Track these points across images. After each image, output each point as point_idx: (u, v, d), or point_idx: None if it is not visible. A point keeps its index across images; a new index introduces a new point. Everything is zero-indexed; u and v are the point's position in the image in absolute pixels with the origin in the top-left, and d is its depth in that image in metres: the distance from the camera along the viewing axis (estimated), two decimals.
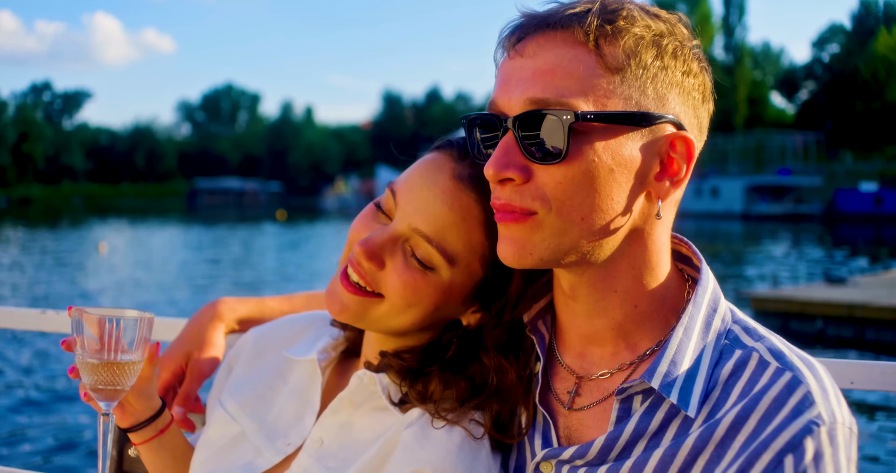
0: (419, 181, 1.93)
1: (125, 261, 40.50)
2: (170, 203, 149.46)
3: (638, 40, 1.60)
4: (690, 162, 1.67)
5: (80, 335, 1.86)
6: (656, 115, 1.61)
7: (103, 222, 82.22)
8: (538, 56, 1.62)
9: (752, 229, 63.41)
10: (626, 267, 1.72)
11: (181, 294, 27.75)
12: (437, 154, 1.98)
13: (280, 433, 2.10)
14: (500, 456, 1.89)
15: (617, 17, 1.60)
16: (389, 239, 1.92)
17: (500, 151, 1.63)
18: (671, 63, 1.63)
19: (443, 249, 1.88)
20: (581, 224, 1.63)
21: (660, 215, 1.68)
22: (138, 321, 1.89)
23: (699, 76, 1.68)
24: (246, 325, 2.46)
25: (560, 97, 1.57)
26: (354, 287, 1.94)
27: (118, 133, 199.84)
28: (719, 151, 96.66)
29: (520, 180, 1.63)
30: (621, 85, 1.59)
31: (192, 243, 53.21)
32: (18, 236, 59.35)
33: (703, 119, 1.71)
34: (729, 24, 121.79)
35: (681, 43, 1.66)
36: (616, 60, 1.59)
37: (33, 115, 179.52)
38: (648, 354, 1.75)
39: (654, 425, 1.67)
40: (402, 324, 1.94)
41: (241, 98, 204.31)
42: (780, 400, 1.57)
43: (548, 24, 1.63)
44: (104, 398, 1.90)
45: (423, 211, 1.89)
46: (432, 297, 1.90)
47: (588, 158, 1.58)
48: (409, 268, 1.90)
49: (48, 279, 31.87)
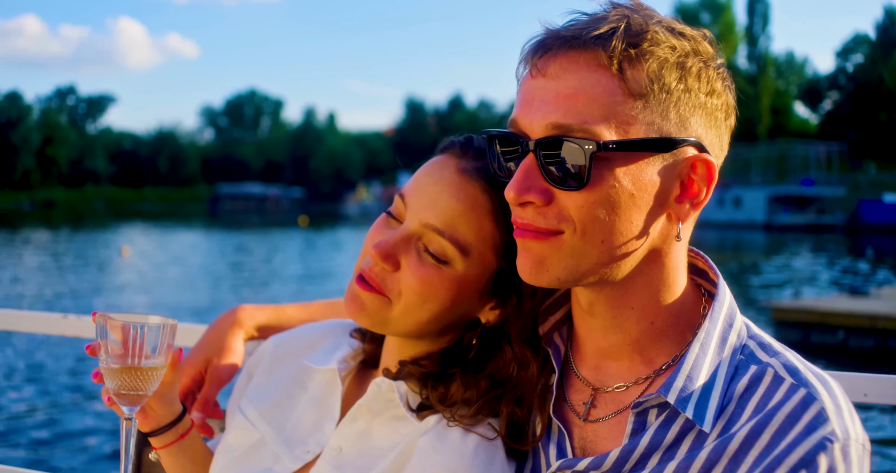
0: (425, 180, 1.97)
1: (147, 265, 40.66)
2: (192, 208, 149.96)
3: (662, 63, 1.59)
4: (711, 184, 1.66)
5: (105, 341, 1.87)
6: (678, 139, 1.60)
7: (126, 226, 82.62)
8: (561, 78, 1.60)
9: (774, 239, 63.16)
10: (643, 285, 1.73)
11: (203, 299, 27.88)
12: (441, 155, 2.01)
13: (299, 440, 2.12)
14: (514, 464, 1.90)
15: (641, 39, 1.59)
16: (402, 239, 1.94)
17: (521, 173, 1.64)
18: (694, 85, 1.62)
19: (455, 240, 1.90)
20: (601, 247, 1.63)
21: (679, 237, 1.68)
22: (162, 327, 1.90)
23: (722, 95, 1.67)
24: (264, 332, 2.48)
25: (583, 124, 1.56)
26: (370, 286, 1.96)
27: (141, 138, 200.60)
28: (742, 161, 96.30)
29: (540, 203, 1.63)
30: (644, 110, 1.58)
31: (214, 248, 53.45)
32: (42, 239, 59.74)
33: (724, 137, 1.71)
34: (753, 33, 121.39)
35: (705, 63, 1.65)
36: (639, 84, 1.58)
37: (57, 119, 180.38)
38: (664, 368, 1.75)
39: (669, 438, 1.68)
40: (419, 322, 1.96)
41: (264, 104, 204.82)
42: (795, 416, 1.58)
43: (571, 45, 1.61)
44: (127, 403, 1.92)
45: (432, 205, 1.92)
46: (448, 291, 1.92)
47: (609, 184, 1.58)
48: (424, 264, 1.92)
49: (71, 283, 32.07)
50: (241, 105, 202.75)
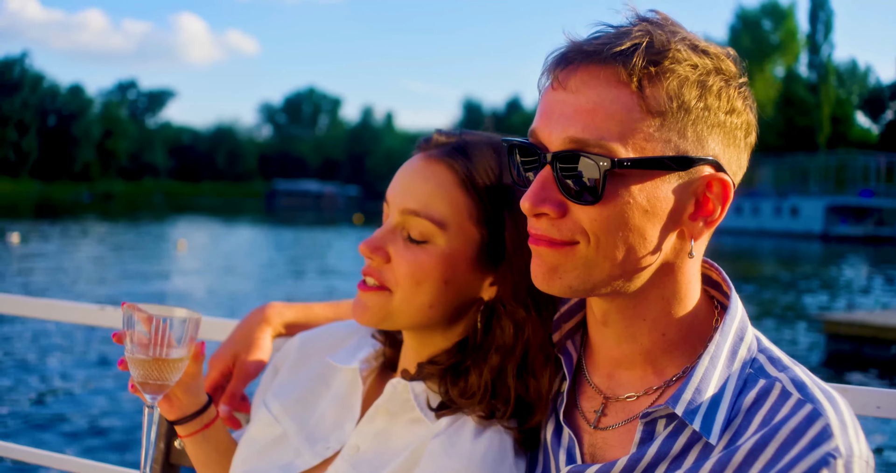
0: (399, 176, 2.08)
1: (203, 260, 41.02)
2: (248, 203, 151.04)
3: (682, 81, 1.60)
4: (726, 203, 1.67)
5: (131, 330, 1.95)
6: (694, 158, 1.61)
7: (183, 220, 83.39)
8: (581, 93, 1.62)
9: (831, 250, 62.48)
10: (655, 298, 1.75)
11: (254, 294, 28.05)
12: (412, 157, 2.12)
13: (320, 437, 2.18)
14: (523, 469, 1.95)
15: (663, 57, 1.60)
16: (388, 231, 2.05)
17: (538, 185, 1.66)
18: (714, 103, 1.62)
19: (431, 217, 1.99)
20: (613, 260, 1.65)
21: (692, 254, 1.70)
22: (186, 320, 1.98)
23: (743, 114, 1.68)
24: (292, 329, 2.54)
25: (600, 139, 1.58)
26: (370, 287, 2.06)
27: (200, 132, 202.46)
28: (801, 170, 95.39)
29: (555, 215, 1.65)
30: (661, 128, 1.59)
31: (270, 244, 53.82)
32: (100, 231, 60.41)
33: (743, 155, 1.72)
34: (815, 41, 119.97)
35: (727, 81, 1.65)
36: (658, 102, 1.59)
37: (118, 112, 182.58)
38: (675, 380, 1.77)
39: (676, 449, 1.69)
40: (421, 307, 2.02)
41: (323, 102, 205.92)
42: (799, 431, 1.58)
43: (592, 60, 1.62)
44: (150, 392, 1.98)
45: (405, 192, 2.03)
46: (438, 269, 1.99)
47: (623, 200, 1.60)
48: (410, 248, 2.01)
49: (126, 275, 32.43)
50: (299, 102, 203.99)
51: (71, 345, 18.43)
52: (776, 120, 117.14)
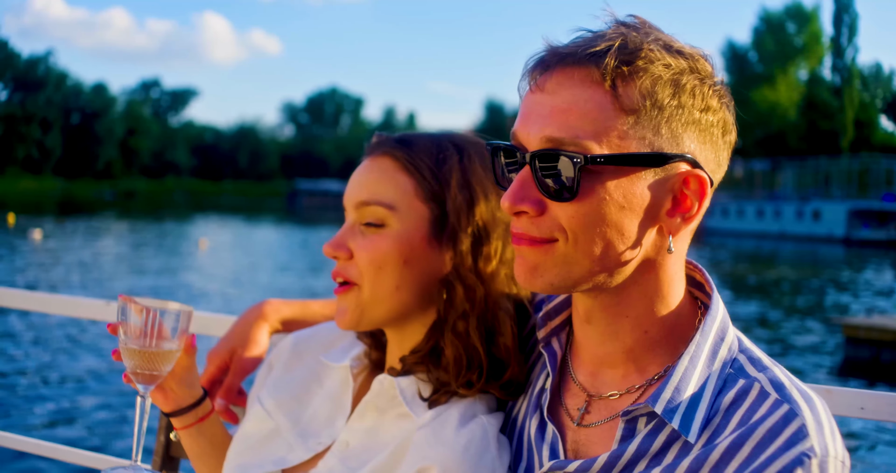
0: (350, 181, 2.19)
1: (224, 258, 41.20)
2: (270, 203, 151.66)
3: (655, 80, 1.63)
4: (703, 199, 1.70)
5: (125, 321, 1.99)
6: (669, 154, 1.64)
7: (204, 218, 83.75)
8: (556, 94, 1.67)
9: (853, 254, 62.18)
10: (638, 295, 1.78)
11: (277, 293, 28.11)
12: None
13: (313, 433, 2.23)
14: (507, 461, 1.98)
15: (635, 57, 1.64)
16: (346, 229, 2.14)
17: (517, 184, 1.71)
18: (688, 101, 1.66)
19: (380, 201, 2.09)
20: (592, 256, 1.68)
21: (671, 250, 1.73)
22: (179, 313, 2.02)
23: (719, 112, 1.71)
24: (289, 326, 2.59)
25: (575, 138, 1.62)
26: (343, 286, 2.13)
27: (223, 132, 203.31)
28: (823, 174, 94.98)
29: (533, 213, 1.70)
30: (635, 126, 1.63)
31: (291, 243, 53.97)
32: (122, 229, 60.73)
33: (722, 153, 1.75)
34: (839, 44, 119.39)
35: (701, 80, 1.68)
36: (631, 101, 1.62)
37: (141, 111, 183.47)
38: (656, 379, 1.80)
39: (656, 447, 1.72)
40: (389, 293, 2.09)
41: (345, 102, 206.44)
42: (776, 431, 1.61)
43: (567, 62, 1.67)
44: (142, 381, 2.03)
45: (355, 190, 2.14)
46: (395, 249, 2.08)
47: (599, 197, 1.64)
48: (366, 236, 2.10)
49: (147, 272, 32.59)
50: (321, 102, 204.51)
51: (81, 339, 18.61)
52: (799, 123, 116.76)
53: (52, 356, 17.27)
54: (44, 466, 10.39)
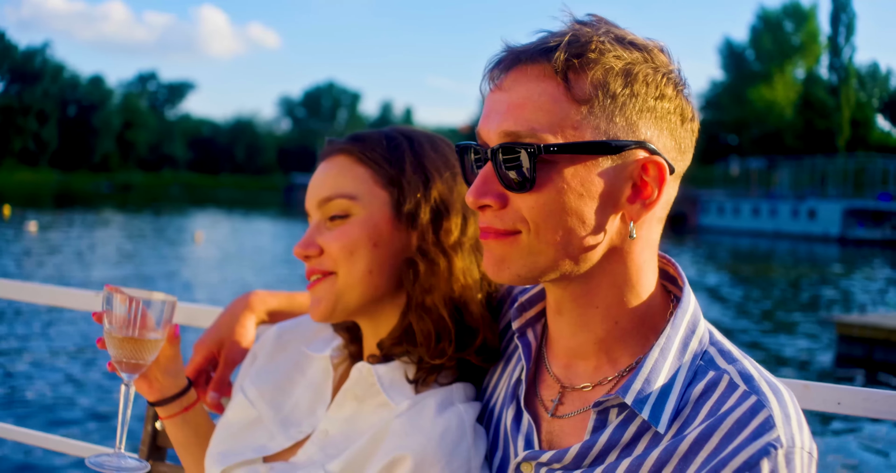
0: (309, 185, 2.23)
1: (220, 252, 41.18)
2: (267, 196, 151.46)
3: (607, 71, 1.68)
4: (663, 185, 1.73)
5: (110, 310, 2.02)
6: (623, 142, 1.68)
7: (201, 212, 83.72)
8: (513, 90, 1.72)
9: (848, 253, 62.18)
10: (607, 285, 1.81)
11: (272, 286, 28.14)
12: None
13: (294, 421, 2.26)
14: (483, 450, 2.01)
15: (586, 50, 1.68)
16: (313, 229, 2.19)
17: (480, 179, 1.76)
18: (641, 90, 1.70)
19: (341, 194, 2.14)
20: (556, 245, 1.72)
21: (632, 236, 1.75)
22: (163, 303, 2.06)
23: (675, 100, 1.75)
24: (275, 317, 2.61)
25: (531, 130, 1.67)
26: (316, 280, 2.18)
27: (220, 125, 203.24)
28: (819, 173, 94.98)
29: (497, 206, 1.75)
30: (589, 116, 1.67)
31: (288, 237, 53.86)
32: (119, 222, 60.68)
33: (683, 140, 1.78)
34: (836, 43, 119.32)
35: (654, 69, 1.73)
36: (584, 91, 1.67)
37: (138, 103, 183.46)
38: (627, 371, 1.83)
39: (627, 437, 1.75)
40: (362, 276, 2.14)
41: (342, 96, 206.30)
42: (743, 422, 1.64)
43: (521, 60, 1.74)
44: (126, 370, 2.05)
45: (316, 190, 2.19)
46: (363, 234, 2.13)
47: (557, 186, 1.68)
48: (333, 229, 2.15)
49: (143, 264, 32.58)
50: (318, 96, 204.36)
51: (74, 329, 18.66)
52: (796, 122, 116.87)
53: (39, 344, 17.34)
54: (28, 454, 10.43)
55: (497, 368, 2.18)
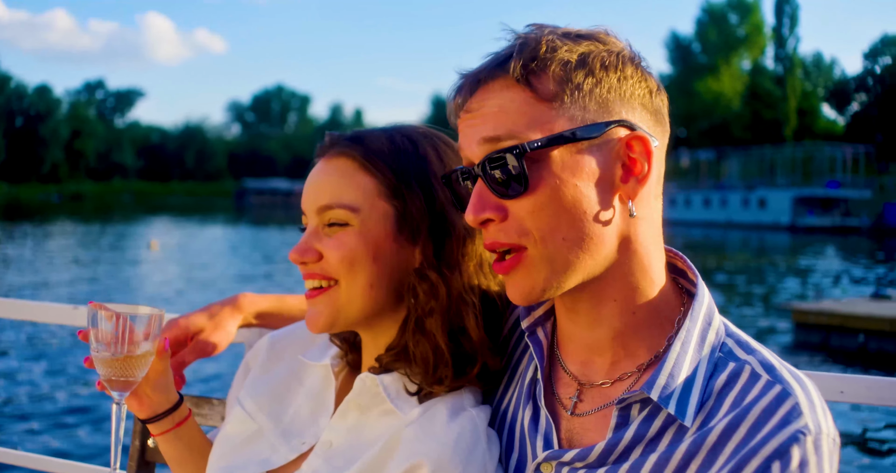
0: (306, 184, 2.13)
1: (177, 259, 40.90)
2: (218, 202, 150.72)
3: (564, 65, 1.70)
4: (650, 158, 1.73)
5: (95, 328, 1.97)
6: (602, 123, 1.70)
7: (153, 220, 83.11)
8: (483, 107, 1.74)
9: (798, 241, 62.89)
10: (621, 275, 1.80)
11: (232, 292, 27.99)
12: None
13: (296, 433, 2.20)
14: (496, 454, 1.98)
15: (537, 51, 1.71)
16: (311, 234, 2.08)
17: (475, 196, 1.75)
18: (603, 75, 1.71)
19: (343, 204, 2.03)
20: (565, 244, 1.71)
21: (633, 214, 1.75)
22: (150, 317, 2.00)
23: (636, 75, 1.76)
24: (264, 319, 2.57)
25: (510, 133, 1.69)
26: (316, 290, 2.08)
27: (169, 132, 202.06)
28: (768, 162, 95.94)
29: (498, 219, 1.74)
30: (561, 108, 1.69)
31: (242, 243, 53.68)
32: (72, 232, 60.08)
33: (658, 110, 1.80)
34: (780, 34, 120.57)
35: (608, 52, 1.74)
36: (549, 90, 1.69)
37: (86, 112, 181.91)
38: (647, 365, 1.82)
39: (652, 432, 1.74)
40: (363, 289, 2.05)
41: (292, 99, 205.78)
42: (770, 411, 1.64)
43: (481, 79, 1.76)
44: (116, 388, 2.01)
45: (315, 194, 2.07)
46: (363, 248, 2.03)
47: (551, 184, 1.69)
48: (332, 236, 2.05)
49: (100, 276, 32.30)
50: (268, 100, 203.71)
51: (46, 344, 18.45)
52: (743, 113, 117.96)
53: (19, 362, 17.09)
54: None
55: (504, 369, 2.15)
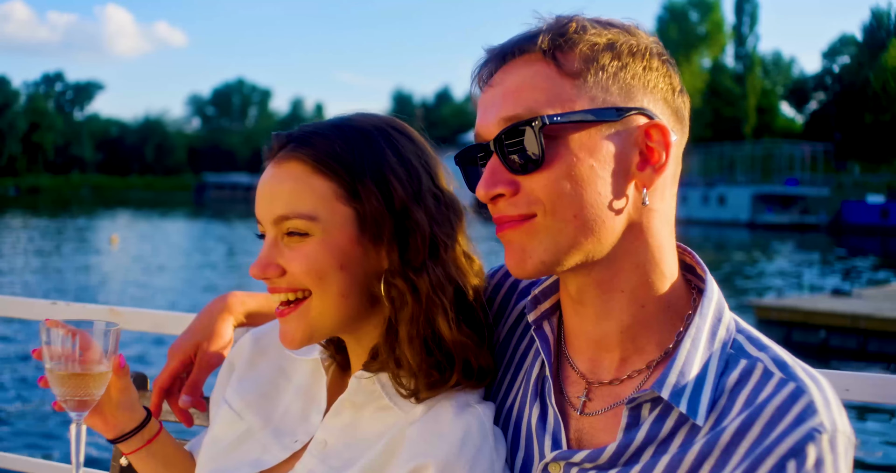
0: (258, 191, 1.99)
1: (137, 254, 40.63)
2: (178, 197, 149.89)
3: (592, 45, 1.70)
4: (668, 148, 1.71)
5: (49, 345, 1.91)
6: (624, 108, 1.69)
7: (113, 214, 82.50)
8: (504, 82, 1.74)
9: (757, 237, 63.39)
10: (631, 266, 1.76)
11: (195, 289, 27.90)
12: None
13: (288, 431, 2.12)
14: (503, 452, 1.91)
15: (567, 29, 1.71)
16: (270, 247, 1.95)
17: (487, 172, 1.73)
18: (629, 61, 1.71)
19: (300, 214, 1.90)
20: (574, 222, 1.68)
21: (645, 203, 1.72)
22: (106, 332, 1.94)
23: (661, 70, 1.75)
24: (254, 318, 2.49)
25: (530, 110, 1.68)
26: (287, 306, 1.97)
27: (128, 125, 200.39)
28: (727, 160, 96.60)
29: (509, 194, 1.72)
30: (584, 87, 1.68)
31: (203, 237, 53.40)
32: (30, 227, 59.50)
33: (679, 109, 1.79)
34: (740, 32, 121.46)
35: (637, 42, 1.74)
36: (574, 67, 1.69)
37: (44, 105, 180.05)
38: (657, 363, 1.79)
39: (664, 432, 1.71)
40: (336, 299, 1.93)
41: (252, 93, 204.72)
42: (784, 409, 1.61)
43: (508, 53, 1.76)
44: (74, 408, 1.95)
45: (269, 203, 1.94)
46: (327, 254, 1.91)
47: (567, 160, 1.67)
48: (293, 248, 1.92)
49: (62, 272, 32.03)
50: (228, 94, 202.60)
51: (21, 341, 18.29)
52: (703, 110, 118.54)
53: None
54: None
55: (508, 365, 2.08)
